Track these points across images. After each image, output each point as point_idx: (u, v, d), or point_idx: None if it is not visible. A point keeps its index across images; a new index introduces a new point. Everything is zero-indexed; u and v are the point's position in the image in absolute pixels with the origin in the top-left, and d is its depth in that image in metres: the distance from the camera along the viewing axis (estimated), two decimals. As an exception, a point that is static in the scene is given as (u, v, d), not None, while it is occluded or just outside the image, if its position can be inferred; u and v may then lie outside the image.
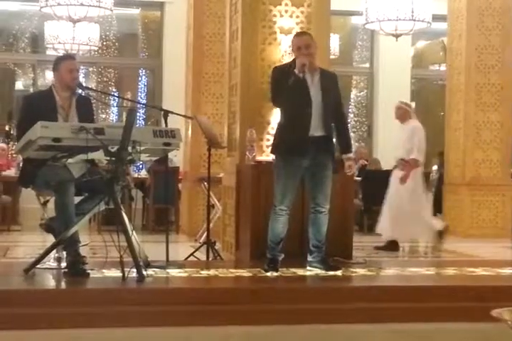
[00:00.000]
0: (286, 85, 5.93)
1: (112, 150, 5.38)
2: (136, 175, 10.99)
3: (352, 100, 14.58)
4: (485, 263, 7.15)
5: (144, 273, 5.39)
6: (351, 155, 6.31)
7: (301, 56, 6.11)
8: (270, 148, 6.42)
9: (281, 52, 7.53)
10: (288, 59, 7.00)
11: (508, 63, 10.65)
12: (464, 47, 10.74)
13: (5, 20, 13.70)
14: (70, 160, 5.57)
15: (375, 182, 10.38)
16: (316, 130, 6.04)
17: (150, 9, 13.74)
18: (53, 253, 5.80)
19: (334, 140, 6.27)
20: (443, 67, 12.33)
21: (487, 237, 9.39)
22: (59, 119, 5.72)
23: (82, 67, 13.39)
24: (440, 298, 5.48)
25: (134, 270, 5.32)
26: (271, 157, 6.47)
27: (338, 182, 6.44)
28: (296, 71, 5.98)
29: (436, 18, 10.91)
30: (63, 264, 5.71)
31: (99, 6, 9.03)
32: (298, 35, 6.55)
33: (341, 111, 6.32)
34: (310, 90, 6.08)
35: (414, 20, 10.28)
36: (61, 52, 11.51)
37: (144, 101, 13.63)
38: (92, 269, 5.55)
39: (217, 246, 7.18)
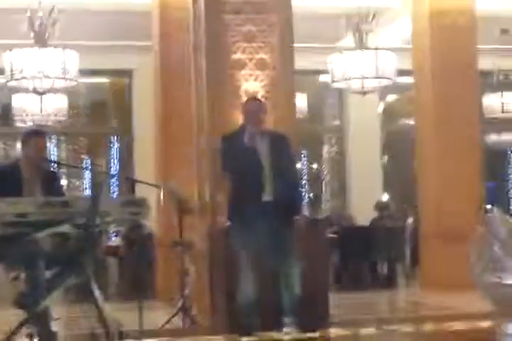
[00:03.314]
0: (235, 155, 6.02)
1: (80, 222, 5.36)
2: (110, 243, 10.92)
3: (325, 157, 14.69)
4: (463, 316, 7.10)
5: (117, 345, 5.32)
6: (298, 217, 6.24)
7: (249, 125, 6.16)
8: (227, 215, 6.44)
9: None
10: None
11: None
12: (430, 100, 10.85)
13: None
14: (37, 235, 5.53)
15: (351, 238, 10.45)
16: (269, 195, 6.08)
17: (118, 77, 13.88)
18: (25, 330, 5.71)
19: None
20: (412, 121, 12.45)
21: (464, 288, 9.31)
22: (25, 194, 5.71)
23: (52, 137, 13.51)
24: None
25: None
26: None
27: (310, 241, 6.47)
28: (245, 140, 6.05)
29: (403, 72, 11.08)
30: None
31: (64, 78, 9.11)
32: (247, 101, 6.59)
33: (291, 173, 6.31)
34: (260, 157, 6.14)
35: (380, 77, 10.43)
36: (29, 124, 11.59)
37: (117, 168, 13.66)
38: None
39: (194, 311, 7.12)
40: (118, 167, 13.77)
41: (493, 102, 13.25)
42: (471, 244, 3.54)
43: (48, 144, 6.29)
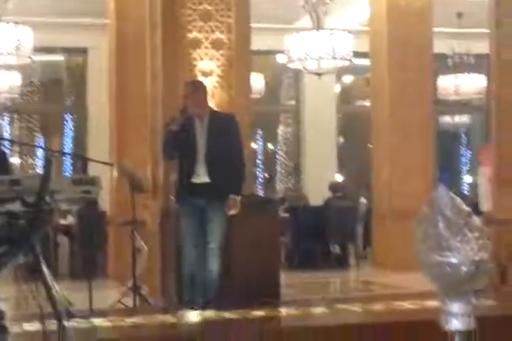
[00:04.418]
0: (166, 139, 6.18)
1: (29, 200, 5.30)
2: (62, 222, 10.83)
3: (280, 137, 14.72)
4: (413, 295, 7.18)
5: (66, 324, 5.29)
6: (235, 197, 6.27)
7: (184, 108, 6.24)
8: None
9: (202, 94, 7.58)
10: (208, 102, 7.07)
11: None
12: (386, 82, 10.92)
13: None
14: (-15, 213, 5.47)
15: (304, 218, 10.49)
16: (200, 176, 6.14)
17: (73, 55, 13.73)
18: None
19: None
20: (368, 103, 12.50)
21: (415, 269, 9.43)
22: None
23: (5, 115, 13.38)
24: (368, 335, 5.50)
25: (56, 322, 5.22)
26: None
27: (260, 220, 6.52)
28: (170, 125, 6.16)
29: (360, 54, 11.11)
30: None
31: (17, 55, 8.98)
32: (184, 84, 6.64)
33: (233, 153, 6.31)
34: (197, 137, 6.17)
35: (336, 58, 10.44)
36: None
37: (70, 147, 13.56)
38: (11, 324, 5.43)
39: (144, 290, 7.13)
40: (71, 145, 13.66)
41: (447, 84, 13.38)
42: (416, 223, 3.55)
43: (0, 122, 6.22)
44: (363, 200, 12.13)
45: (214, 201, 6.20)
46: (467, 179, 15.72)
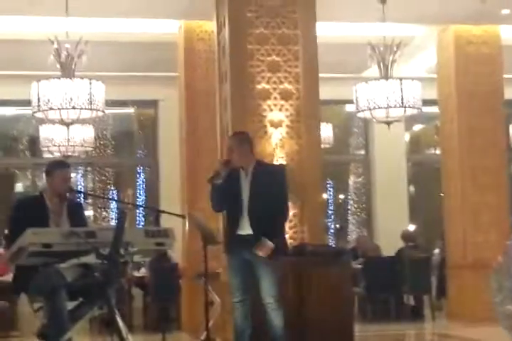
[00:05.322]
0: (215, 191, 6.18)
1: (104, 253, 5.34)
2: (135, 274, 10.88)
3: (351, 187, 14.65)
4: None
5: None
6: (266, 240, 6.05)
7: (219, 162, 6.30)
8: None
9: (272, 145, 7.62)
10: (278, 152, 7.08)
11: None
12: (455, 130, 10.81)
13: (2, 125, 13.96)
14: (62, 265, 5.53)
15: (377, 268, 10.33)
16: (244, 229, 6.08)
17: (144, 107, 13.95)
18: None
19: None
20: (438, 151, 12.37)
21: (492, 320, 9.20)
22: (51, 225, 5.73)
23: (79, 168, 13.61)
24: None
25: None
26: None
27: (333, 271, 6.43)
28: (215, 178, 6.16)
29: (429, 102, 11.03)
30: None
31: (91, 109, 9.15)
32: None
33: (277, 204, 6.15)
34: (242, 189, 6.14)
35: (405, 106, 10.37)
36: (56, 155, 11.66)
37: (143, 198, 13.70)
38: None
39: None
40: (144, 197, 13.80)
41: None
42: (491, 274, 3.48)
43: (72, 175, 6.32)
44: (436, 250, 11.92)
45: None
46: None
